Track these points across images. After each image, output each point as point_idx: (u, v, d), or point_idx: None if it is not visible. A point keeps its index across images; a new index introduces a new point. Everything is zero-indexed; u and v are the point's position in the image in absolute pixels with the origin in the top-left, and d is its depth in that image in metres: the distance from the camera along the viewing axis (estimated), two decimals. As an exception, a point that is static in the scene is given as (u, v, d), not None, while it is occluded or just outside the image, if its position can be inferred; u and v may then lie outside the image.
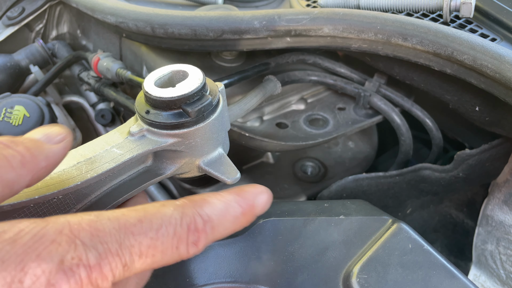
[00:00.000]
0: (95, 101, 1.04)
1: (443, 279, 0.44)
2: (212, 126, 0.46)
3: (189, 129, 0.44)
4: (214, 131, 0.47)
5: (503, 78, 0.52)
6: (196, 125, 0.44)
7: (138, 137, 0.44)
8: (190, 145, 0.45)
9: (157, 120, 0.43)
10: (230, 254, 0.47)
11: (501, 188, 0.66)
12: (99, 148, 0.44)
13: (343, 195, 0.73)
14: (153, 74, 0.46)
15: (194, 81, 0.44)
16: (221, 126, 0.48)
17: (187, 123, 0.44)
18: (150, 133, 0.44)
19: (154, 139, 0.44)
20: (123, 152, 0.43)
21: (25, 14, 0.99)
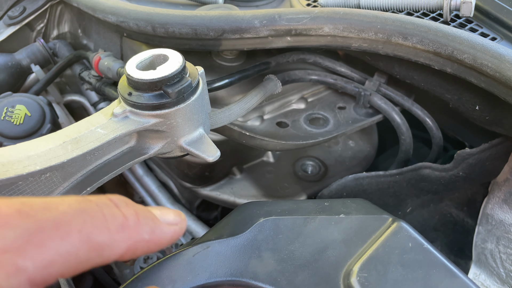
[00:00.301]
0: (96, 100, 1.04)
1: (443, 278, 0.44)
2: (193, 107, 0.48)
3: (170, 110, 0.46)
4: (194, 111, 0.49)
5: (503, 77, 0.52)
6: (176, 105, 0.46)
7: (121, 118, 0.46)
8: (172, 125, 0.47)
9: (139, 101, 0.45)
10: (230, 253, 0.48)
11: (501, 187, 0.66)
12: (84, 129, 0.45)
13: (343, 194, 0.74)
14: (135, 58, 0.48)
15: (174, 64, 0.46)
16: (201, 107, 0.50)
17: (168, 104, 0.46)
18: (133, 114, 0.46)
19: (136, 119, 0.46)
20: (107, 132, 0.45)
21: (26, 13, 0.99)
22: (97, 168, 0.46)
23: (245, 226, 0.50)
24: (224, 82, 0.66)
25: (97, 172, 0.47)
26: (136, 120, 0.46)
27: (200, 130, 0.51)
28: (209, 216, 0.99)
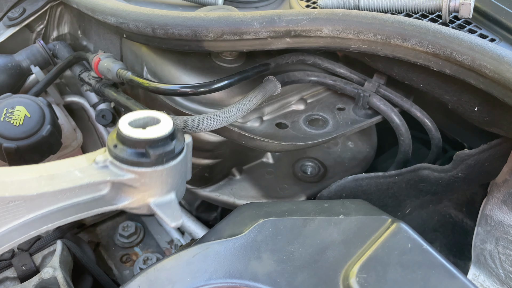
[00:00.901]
0: (95, 101, 1.04)
1: (442, 279, 0.44)
2: (169, 172, 0.50)
3: (146, 169, 0.48)
4: (170, 176, 0.50)
5: (502, 78, 0.52)
6: (154, 166, 0.48)
7: (101, 166, 0.48)
8: (145, 184, 0.49)
9: (121, 154, 0.48)
10: (230, 254, 0.48)
11: (500, 188, 0.66)
12: (63, 168, 0.48)
13: (343, 195, 0.74)
14: (130, 115, 0.50)
15: (162, 128, 0.49)
16: (178, 173, 0.52)
17: (147, 163, 0.48)
18: (113, 165, 0.48)
19: (114, 171, 0.48)
20: (83, 176, 0.47)
21: (26, 14, 0.99)
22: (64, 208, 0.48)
23: (245, 227, 0.51)
24: (223, 84, 0.66)
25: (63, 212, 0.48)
26: (114, 172, 0.48)
27: (172, 195, 0.52)
28: (209, 217, 0.99)
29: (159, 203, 0.51)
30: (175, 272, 0.46)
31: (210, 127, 0.64)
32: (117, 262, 0.97)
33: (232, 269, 0.46)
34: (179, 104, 0.72)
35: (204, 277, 0.45)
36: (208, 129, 0.64)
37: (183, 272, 0.46)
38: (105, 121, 0.99)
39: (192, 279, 0.45)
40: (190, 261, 0.47)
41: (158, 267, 0.47)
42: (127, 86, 0.88)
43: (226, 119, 0.64)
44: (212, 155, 0.81)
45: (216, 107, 0.72)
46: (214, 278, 0.45)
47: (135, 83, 0.71)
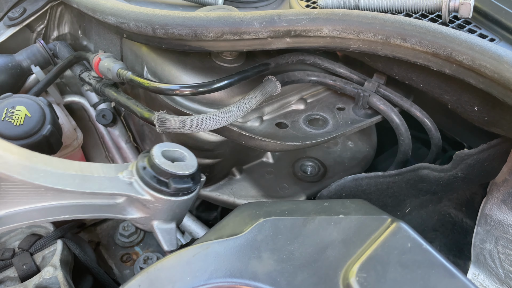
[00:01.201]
0: (96, 101, 1.04)
1: (442, 278, 0.44)
2: (180, 204, 0.58)
3: (163, 197, 0.55)
4: (179, 207, 0.58)
5: (502, 78, 0.52)
6: (170, 196, 0.56)
7: (127, 181, 0.55)
8: (157, 208, 0.57)
9: (146, 177, 0.55)
10: (230, 253, 0.48)
11: (499, 188, 0.66)
12: (95, 172, 0.54)
13: (343, 194, 0.74)
14: (164, 145, 0.59)
15: (187, 167, 0.57)
16: (185, 206, 0.60)
17: (165, 192, 0.55)
18: (136, 183, 0.55)
19: (137, 188, 0.55)
20: (110, 185, 0.54)
21: (26, 14, 0.99)
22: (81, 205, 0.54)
23: (245, 227, 0.51)
24: (223, 83, 0.67)
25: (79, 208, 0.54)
26: (136, 189, 0.55)
27: (173, 224, 0.60)
28: (209, 216, 0.99)
29: (161, 227, 0.59)
30: (175, 272, 0.46)
31: (210, 126, 0.64)
32: (118, 261, 0.97)
33: (232, 268, 0.46)
34: (179, 103, 0.72)
35: (204, 277, 0.46)
36: (208, 129, 0.65)
37: (184, 272, 0.46)
38: (105, 120, 1.00)
39: (192, 278, 0.45)
40: (190, 260, 0.47)
41: (158, 266, 0.47)
42: (127, 86, 0.88)
43: (226, 118, 0.64)
44: (212, 154, 0.82)
45: (216, 107, 0.72)
46: (214, 277, 0.46)
47: (136, 82, 0.71)
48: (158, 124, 0.66)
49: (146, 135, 0.97)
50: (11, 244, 0.80)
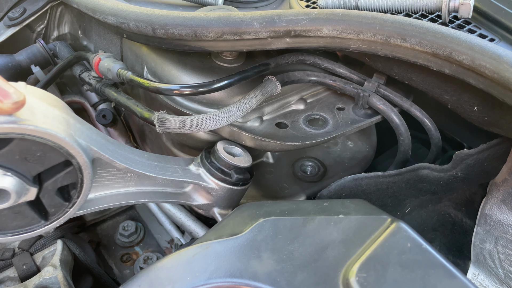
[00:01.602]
0: (96, 101, 1.04)
1: (442, 278, 0.44)
2: (238, 192, 0.68)
3: (226, 185, 0.66)
4: (236, 196, 0.69)
5: (502, 78, 0.52)
6: (231, 185, 0.66)
7: (195, 171, 0.66)
8: (220, 195, 0.67)
9: (212, 169, 0.65)
10: (230, 253, 0.48)
11: (499, 188, 0.66)
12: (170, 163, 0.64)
13: (342, 194, 0.74)
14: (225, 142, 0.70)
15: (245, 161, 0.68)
16: (241, 196, 0.71)
17: (228, 181, 0.66)
18: (204, 174, 0.66)
19: (204, 178, 0.65)
20: (182, 174, 0.64)
21: (26, 14, 0.99)
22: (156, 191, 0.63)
23: (245, 227, 0.51)
24: (223, 83, 0.67)
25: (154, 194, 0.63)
26: (203, 178, 0.65)
27: (229, 211, 0.69)
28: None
29: (221, 213, 0.69)
30: (175, 271, 0.46)
31: (210, 127, 0.64)
32: (118, 261, 0.97)
33: (232, 268, 0.46)
34: (179, 103, 0.72)
35: (204, 277, 0.46)
36: (208, 129, 0.65)
37: (183, 271, 0.46)
38: (105, 120, 1.00)
39: (192, 278, 0.46)
40: (190, 260, 0.47)
41: (158, 266, 0.47)
42: (127, 86, 0.88)
43: (226, 119, 0.64)
44: (212, 154, 0.82)
45: (216, 107, 0.72)
46: (214, 277, 0.46)
47: (136, 83, 0.71)
48: (158, 124, 0.66)
49: (146, 135, 0.97)
50: (11, 244, 0.80)
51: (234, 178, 0.66)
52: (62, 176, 0.49)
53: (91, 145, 0.50)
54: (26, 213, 0.50)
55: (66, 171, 0.49)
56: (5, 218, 0.49)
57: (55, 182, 0.49)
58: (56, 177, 0.49)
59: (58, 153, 0.46)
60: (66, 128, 0.47)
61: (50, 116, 0.46)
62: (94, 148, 0.50)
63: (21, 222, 0.51)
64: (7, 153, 0.44)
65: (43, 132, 0.44)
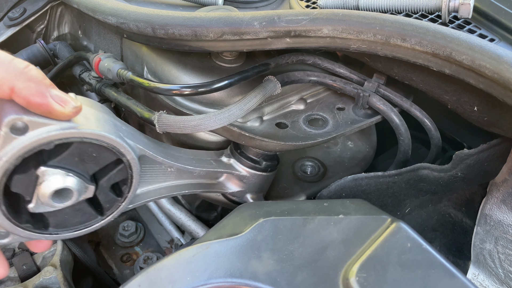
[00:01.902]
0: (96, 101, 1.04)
1: (442, 278, 0.44)
2: (268, 178, 0.74)
3: (256, 172, 0.71)
4: (266, 182, 0.75)
5: (502, 78, 0.52)
6: (262, 172, 0.72)
7: (226, 161, 0.72)
8: (251, 182, 0.73)
9: (242, 158, 0.71)
10: (230, 253, 0.48)
11: (499, 188, 0.67)
12: (204, 156, 0.70)
13: (342, 194, 0.74)
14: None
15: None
16: (270, 181, 0.76)
17: (258, 168, 0.72)
18: (235, 163, 0.72)
19: (235, 167, 0.71)
20: (216, 165, 0.69)
21: (27, 15, 0.99)
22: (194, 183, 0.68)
23: (245, 227, 0.51)
24: (223, 83, 0.67)
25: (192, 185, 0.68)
26: (235, 167, 0.71)
27: (262, 196, 0.76)
28: (209, 216, 0.99)
29: (253, 198, 0.74)
30: (175, 271, 0.46)
31: (210, 127, 0.64)
32: (118, 261, 0.97)
33: (232, 268, 0.46)
34: (179, 103, 0.72)
35: (204, 277, 0.46)
36: (208, 129, 0.65)
37: (184, 272, 0.46)
38: (105, 121, 0.99)
39: (193, 278, 0.46)
40: (190, 260, 0.47)
41: (158, 266, 0.47)
42: (127, 86, 0.88)
43: (226, 119, 0.65)
44: (212, 154, 0.82)
45: (216, 107, 0.72)
46: (214, 277, 0.46)
47: (136, 83, 0.71)
48: (158, 124, 0.66)
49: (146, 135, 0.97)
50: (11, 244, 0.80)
51: (263, 165, 0.71)
52: (115, 174, 0.53)
53: (137, 144, 0.55)
54: (85, 210, 0.54)
55: (118, 169, 0.53)
56: (67, 216, 0.53)
57: (109, 179, 0.53)
58: (109, 175, 0.53)
59: (111, 152, 0.51)
60: (116, 130, 0.51)
61: (101, 120, 0.51)
62: (140, 146, 0.56)
63: (81, 219, 0.55)
64: (68, 156, 0.48)
65: (98, 135, 0.48)
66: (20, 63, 0.44)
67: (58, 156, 0.48)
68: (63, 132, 0.45)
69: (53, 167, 0.48)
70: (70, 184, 0.49)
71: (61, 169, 0.48)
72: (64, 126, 0.46)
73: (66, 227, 0.55)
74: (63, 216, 0.53)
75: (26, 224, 0.51)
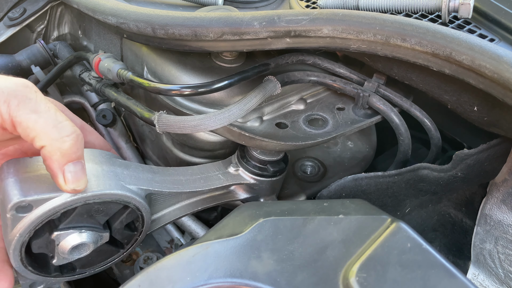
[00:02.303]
0: (96, 101, 1.04)
1: (442, 278, 0.44)
2: (278, 181, 0.74)
3: (264, 179, 0.72)
4: (277, 184, 0.75)
5: (501, 78, 0.52)
6: (270, 178, 0.72)
7: (234, 172, 0.72)
8: (262, 188, 0.73)
9: (249, 167, 0.71)
10: (230, 253, 0.48)
11: (499, 188, 0.67)
12: (211, 171, 0.71)
13: (342, 194, 0.74)
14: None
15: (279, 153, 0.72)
16: (281, 182, 0.77)
17: (266, 175, 0.72)
18: (243, 173, 0.72)
19: (244, 176, 0.72)
20: (225, 179, 0.70)
21: (27, 15, 0.99)
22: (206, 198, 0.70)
23: (245, 227, 0.51)
24: (223, 84, 0.67)
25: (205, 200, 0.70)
26: (243, 177, 0.72)
27: (275, 197, 0.77)
28: (209, 216, 0.99)
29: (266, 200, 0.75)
30: (175, 272, 0.46)
31: (210, 127, 0.64)
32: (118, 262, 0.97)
33: (232, 268, 0.46)
34: (179, 104, 0.72)
35: (204, 277, 0.46)
36: (208, 129, 0.65)
37: (183, 272, 0.46)
38: (105, 121, 1.00)
39: (192, 278, 0.46)
40: (190, 260, 0.47)
41: (158, 266, 0.47)
42: (127, 86, 0.88)
43: (226, 119, 0.65)
44: (212, 155, 0.82)
45: (216, 107, 0.72)
46: (214, 277, 0.46)
47: (136, 83, 0.71)
48: (158, 125, 0.66)
49: (146, 135, 0.97)
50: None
51: (271, 171, 0.71)
52: (125, 217, 0.57)
53: (140, 186, 0.58)
54: (106, 249, 0.60)
55: (127, 212, 0.57)
56: (91, 258, 0.59)
57: (121, 222, 0.58)
58: (120, 219, 0.57)
59: (116, 203, 0.54)
60: (116, 182, 0.54)
61: (101, 175, 0.54)
62: (144, 187, 0.58)
63: (104, 256, 0.60)
64: (76, 216, 0.52)
65: (99, 194, 0.51)
66: (67, 128, 0.47)
67: (68, 219, 0.52)
68: (65, 202, 0.49)
69: (65, 229, 0.52)
70: (85, 239, 0.53)
71: (73, 228, 0.52)
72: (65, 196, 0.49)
73: (92, 265, 0.60)
74: (87, 259, 0.58)
75: (55, 273, 0.57)
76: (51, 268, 0.56)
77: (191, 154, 0.84)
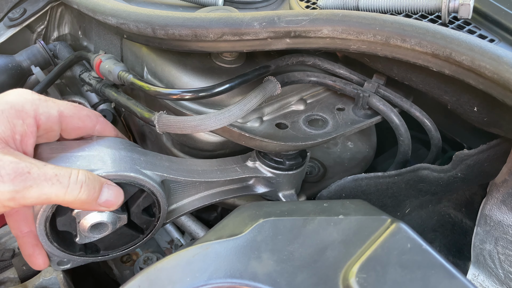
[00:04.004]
0: (96, 101, 1.04)
1: (442, 279, 0.44)
2: (295, 175, 0.74)
3: (282, 172, 0.72)
4: (295, 178, 0.75)
5: (501, 79, 0.52)
6: (287, 171, 0.72)
7: (252, 165, 0.73)
8: (279, 182, 0.74)
9: (266, 160, 0.72)
10: (230, 253, 0.48)
11: (499, 188, 0.67)
12: (229, 164, 0.72)
13: (342, 195, 0.74)
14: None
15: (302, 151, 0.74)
16: (299, 177, 0.76)
17: (282, 169, 0.72)
18: (260, 166, 0.73)
19: (261, 170, 0.73)
20: (242, 171, 0.72)
21: (27, 15, 1.00)
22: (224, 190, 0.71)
23: (245, 227, 0.51)
24: (224, 87, 0.67)
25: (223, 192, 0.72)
26: (260, 171, 0.73)
27: (293, 191, 0.77)
28: (209, 216, 0.99)
29: (286, 194, 0.76)
30: (175, 272, 0.46)
31: (210, 127, 0.64)
32: (117, 262, 0.97)
33: (232, 269, 0.46)
34: (179, 104, 0.72)
35: (204, 277, 0.46)
36: (208, 129, 0.65)
37: (183, 272, 0.46)
38: (105, 121, 0.99)
39: (192, 279, 0.46)
40: (190, 261, 0.47)
41: (158, 266, 0.47)
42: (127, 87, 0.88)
43: (226, 119, 0.65)
44: (212, 155, 0.82)
45: (216, 107, 0.72)
46: (214, 278, 0.46)
47: (136, 86, 0.71)
48: (158, 125, 0.66)
49: (146, 135, 0.97)
50: (11, 245, 0.80)
51: (287, 164, 0.71)
52: (141, 201, 0.61)
53: (156, 171, 0.61)
54: (127, 233, 0.63)
55: (143, 196, 0.60)
56: (113, 240, 0.63)
57: (138, 206, 0.61)
58: (137, 203, 0.61)
59: (132, 185, 0.58)
60: (132, 165, 0.58)
61: (118, 159, 0.58)
62: (159, 173, 0.61)
63: (125, 240, 0.64)
64: None
65: (115, 175, 0.55)
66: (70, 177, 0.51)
67: None
68: None
69: None
70: (103, 218, 0.57)
71: None
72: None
73: (115, 248, 0.64)
74: (109, 241, 0.62)
75: (79, 252, 0.61)
76: (76, 247, 0.61)
77: (191, 154, 0.84)
